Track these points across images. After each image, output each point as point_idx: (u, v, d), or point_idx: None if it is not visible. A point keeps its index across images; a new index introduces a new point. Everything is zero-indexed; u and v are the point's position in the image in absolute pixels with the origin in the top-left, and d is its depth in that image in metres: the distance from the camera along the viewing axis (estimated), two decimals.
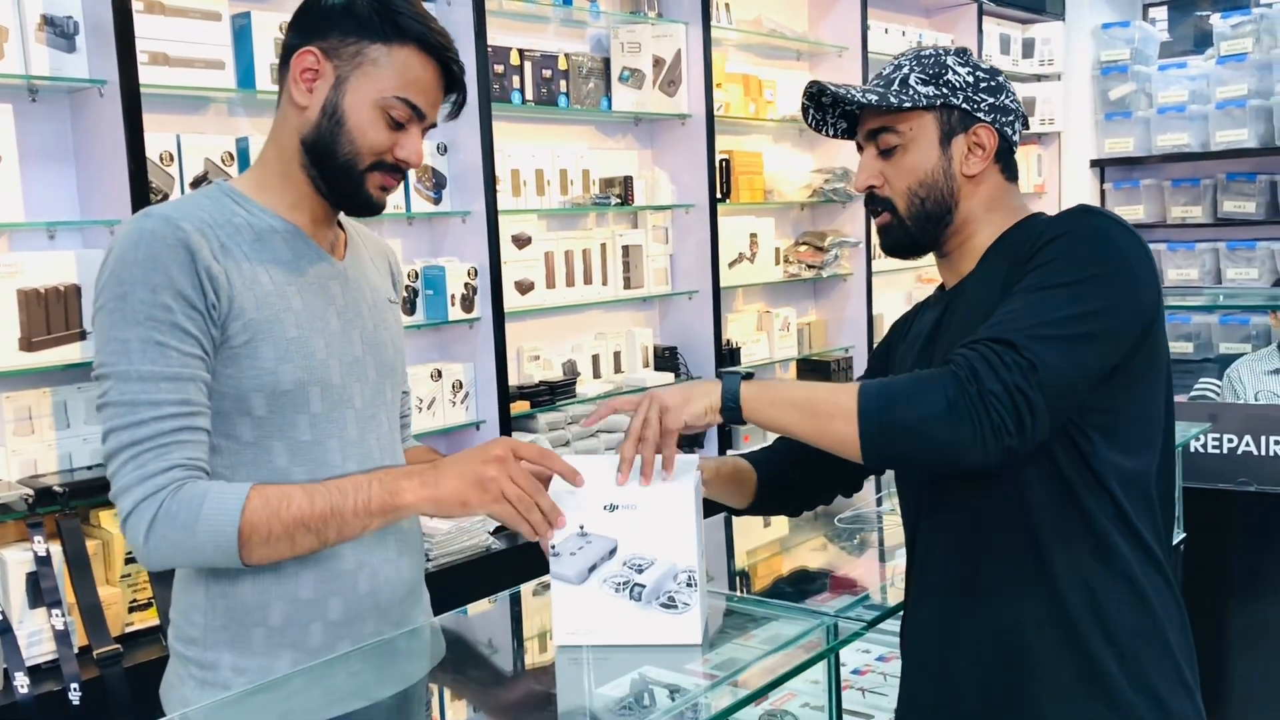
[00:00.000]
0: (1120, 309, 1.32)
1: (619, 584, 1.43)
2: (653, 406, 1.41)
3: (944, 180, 1.49)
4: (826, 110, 1.58)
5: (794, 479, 1.73)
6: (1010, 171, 1.53)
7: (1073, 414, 1.34)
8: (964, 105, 1.48)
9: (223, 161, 2.83)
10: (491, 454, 1.38)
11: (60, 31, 2.52)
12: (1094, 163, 6.21)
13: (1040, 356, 1.26)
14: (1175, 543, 2.62)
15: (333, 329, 1.50)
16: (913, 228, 1.51)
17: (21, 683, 2.30)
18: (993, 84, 1.50)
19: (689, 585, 1.41)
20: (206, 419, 1.40)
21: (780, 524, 2.59)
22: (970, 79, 1.49)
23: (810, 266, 4.71)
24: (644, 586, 1.42)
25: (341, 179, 1.47)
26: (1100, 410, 1.36)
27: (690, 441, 4.01)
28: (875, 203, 1.53)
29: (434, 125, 1.51)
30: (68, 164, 2.65)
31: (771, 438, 1.74)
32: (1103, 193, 6.24)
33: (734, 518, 2.45)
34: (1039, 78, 6.16)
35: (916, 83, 1.49)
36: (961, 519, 1.46)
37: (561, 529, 1.40)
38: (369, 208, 1.51)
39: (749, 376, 1.43)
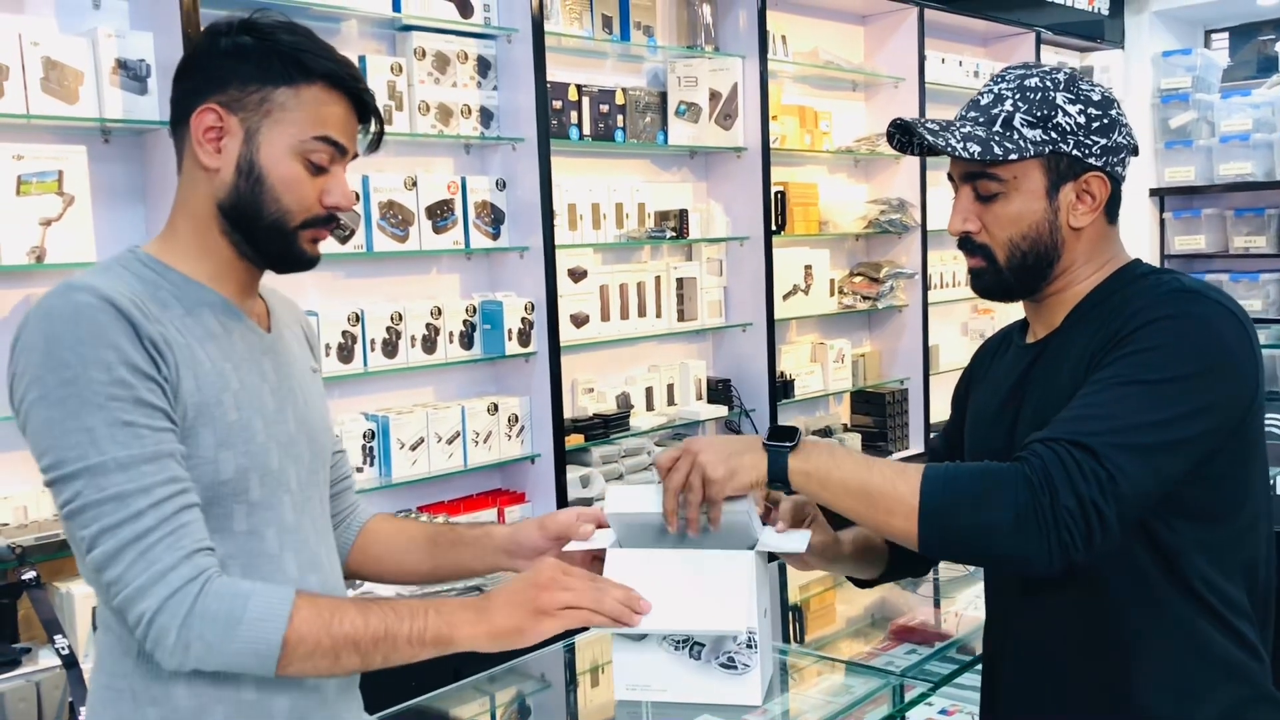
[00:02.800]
0: (1213, 409, 1.26)
1: (678, 642, 1.42)
2: (695, 471, 1.34)
3: (1049, 232, 1.39)
4: (912, 132, 1.45)
5: None
6: (1113, 214, 1.43)
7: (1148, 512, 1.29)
8: (1074, 152, 1.36)
9: None
10: (541, 579, 1.33)
11: (133, 75, 2.58)
12: (1153, 192, 6.12)
13: (1121, 467, 1.20)
14: None
15: (269, 408, 1.37)
16: (1010, 278, 1.42)
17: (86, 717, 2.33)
18: (1105, 121, 1.37)
19: (749, 646, 1.40)
20: (195, 493, 1.27)
21: None
22: (1081, 119, 1.36)
23: (865, 298, 4.68)
24: (703, 645, 1.42)
25: (271, 240, 1.35)
26: (1183, 500, 1.30)
27: None
28: (971, 248, 1.43)
29: (355, 158, 1.40)
30: (138, 204, 2.71)
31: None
32: (1162, 222, 6.15)
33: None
34: None
35: (1022, 125, 1.37)
36: (1039, 610, 1.41)
37: (646, 611, 1.36)
38: (302, 264, 1.39)
39: (794, 436, 1.34)
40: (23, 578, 2.33)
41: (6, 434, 2.52)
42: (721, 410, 4.04)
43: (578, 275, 3.58)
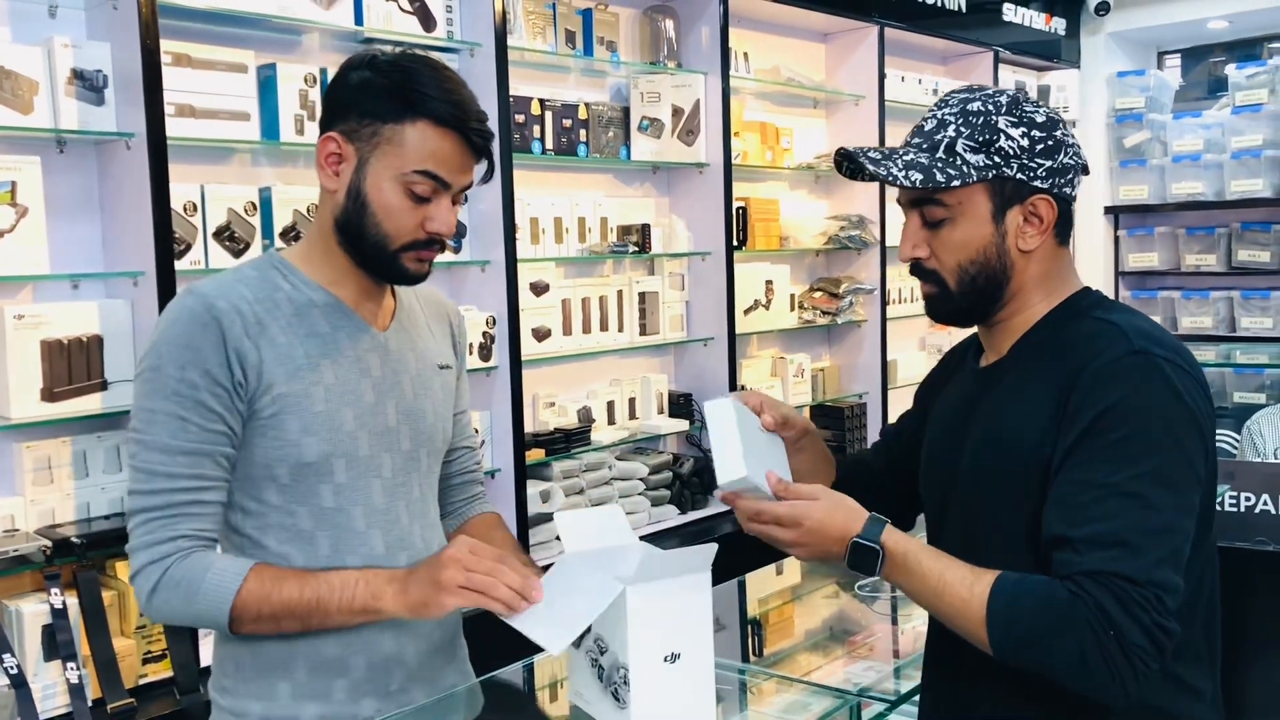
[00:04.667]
0: (1197, 474, 1.30)
1: (592, 659, 1.41)
2: (782, 538, 1.38)
3: (997, 256, 1.39)
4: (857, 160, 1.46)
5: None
6: (1064, 235, 1.43)
7: None
8: (1019, 175, 1.37)
9: (245, 211, 2.85)
10: (446, 556, 1.42)
11: (90, 85, 2.55)
12: (1108, 209, 6.22)
13: (1163, 583, 1.24)
14: None
15: (365, 401, 1.53)
16: (963, 302, 1.42)
17: None
18: (1050, 142, 1.37)
19: (625, 684, 1.34)
20: (219, 493, 1.48)
21: (792, 574, 2.57)
22: (1025, 142, 1.36)
23: (825, 313, 4.71)
24: (603, 668, 1.40)
25: (375, 258, 1.51)
26: None
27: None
28: (922, 274, 1.44)
29: (467, 188, 1.52)
30: (93, 215, 2.67)
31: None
32: (1116, 239, 6.25)
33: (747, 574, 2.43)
34: None
35: (965, 150, 1.37)
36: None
37: (538, 601, 1.38)
38: (406, 280, 1.55)
39: (879, 533, 1.35)
40: None
41: None
42: (683, 424, 4.05)
43: (540, 289, 3.58)
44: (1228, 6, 5.77)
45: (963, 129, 1.37)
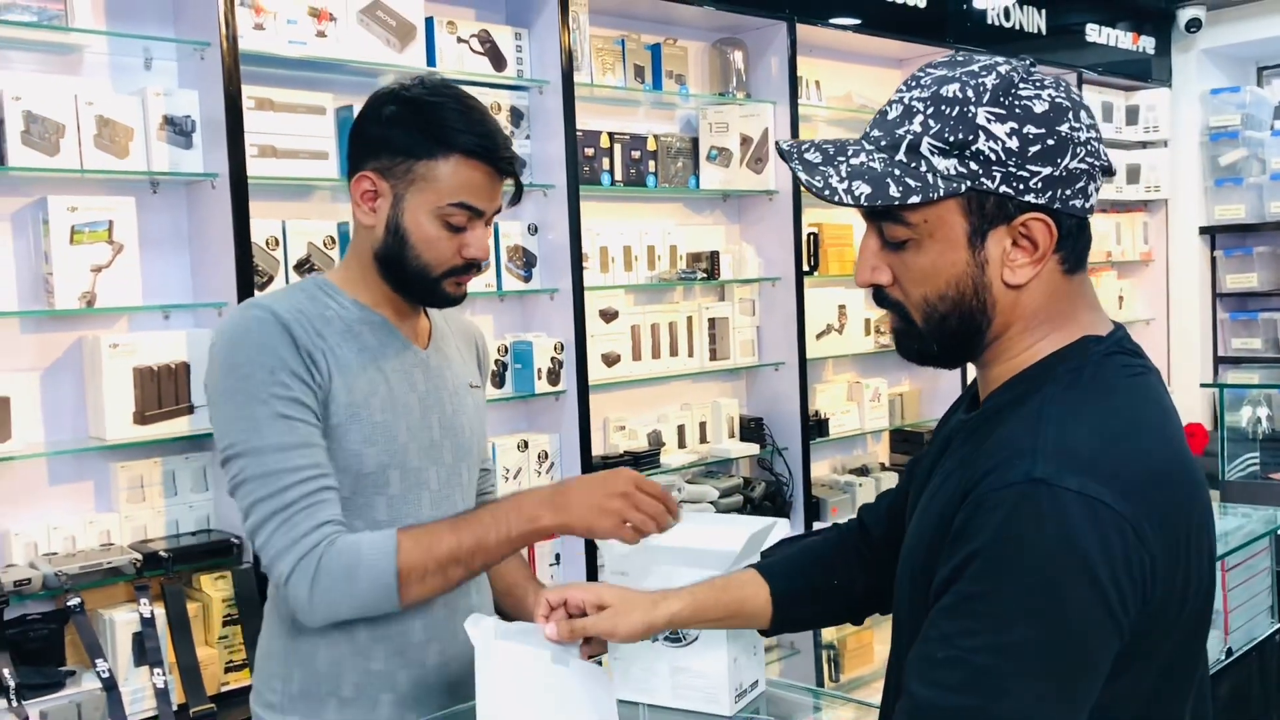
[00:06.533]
0: (1083, 659, 0.97)
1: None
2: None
3: (974, 292, 1.06)
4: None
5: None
6: (1074, 260, 1.08)
7: None
8: (1003, 189, 1.02)
9: (325, 245, 3.01)
10: (616, 489, 1.48)
11: (179, 130, 2.74)
12: (1203, 230, 6.06)
13: None
14: (1270, 633, 2.52)
15: (414, 414, 1.59)
16: (933, 344, 1.11)
17: None
18: (1051, 142, 1.02)
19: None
20: (335, 479, 1.50)
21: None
22: (1014, 143, 1.01)
23: None
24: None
25: (415, 286, 1.58)
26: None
27: (776, 513, 4.04)
28: (884, 304, 1.13)
29: (498, 211, 1.59)
30: (183, 250, 2.87)
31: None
32: (1214, 260, 6.08)
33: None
34: (1144, 144, 6.06)
35: (931, 152, 1.03)
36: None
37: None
38: (448, 302, 1.62)
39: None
40: (68, 604, 2.48)
41: (59, 468, 2.69)
42: (754, 448, 4.10)
43: (609, 316, 3.68)
44: None
45: (932, 122, 1.04)
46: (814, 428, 4.26)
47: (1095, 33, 5.51)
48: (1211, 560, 1.08)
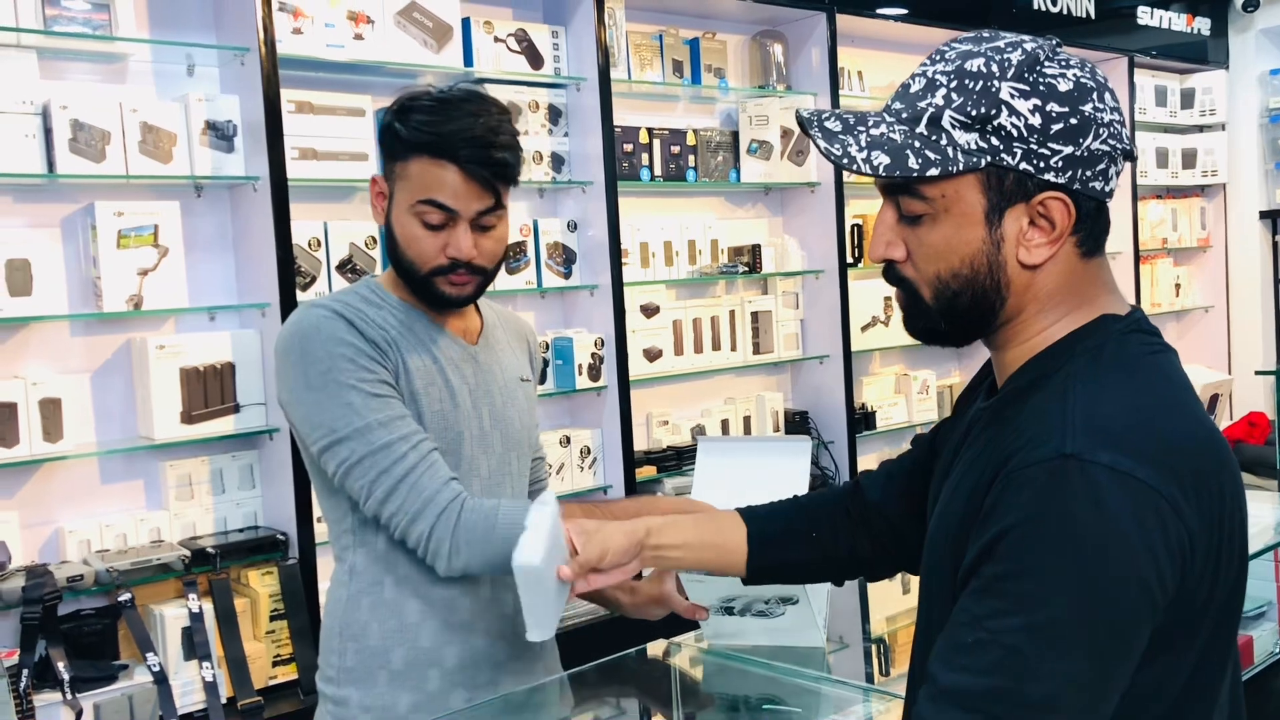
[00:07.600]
0: (1121, 643, 0.95)
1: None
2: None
3: (988, 271, 1.06)
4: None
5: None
6: (1092, 243, 1.08)
7: None
8: (1023, 165, 1.03)
9: (366, 245, 3.05)
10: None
11: (221, 135, 2.80)
12: (1264, 214, 5.92)
13: None
14: None
15: (465, 406, 1.66)
16: (942, 323, 1.11)
17: None
18: (1074, 121, 1.02)
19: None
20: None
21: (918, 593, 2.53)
22: (1037, 120, 1.02)
23: None
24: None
25: (413, 284, 1.63)
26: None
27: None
28: (894, 280, 1.13)
29: (486, 213, 1.57)
30: (227, 252, 2.92)
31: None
32: (1275, 245, 5.93)
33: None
34: (1200, 128, 5.93)
35: (953, 125, 1.04)
36: None
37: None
38: (448, 303, 1.65)
39: None
40: (120, 600, 2.54)
41: (109, 467, 2.76)
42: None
43: (650, 311, 3.68)
44: None
45: (954, 95, 1.04)
46: (860, 420, 4.23)
47: (1147, 15, 5.40)
48: (1244, 543, 1.06)
